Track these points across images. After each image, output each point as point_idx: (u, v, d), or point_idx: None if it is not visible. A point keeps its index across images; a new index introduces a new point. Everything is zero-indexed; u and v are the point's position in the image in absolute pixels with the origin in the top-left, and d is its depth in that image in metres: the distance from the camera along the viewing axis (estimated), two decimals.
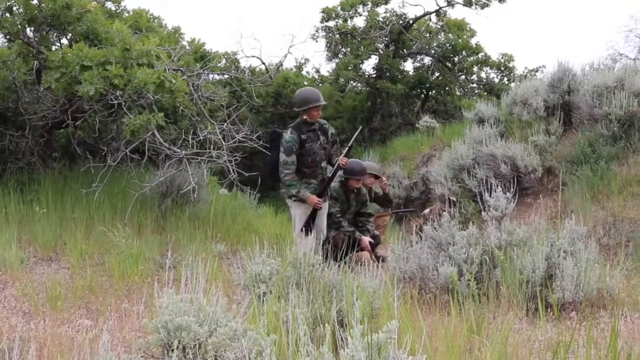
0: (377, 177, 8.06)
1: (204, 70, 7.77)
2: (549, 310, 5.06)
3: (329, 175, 6.31)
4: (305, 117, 6.16)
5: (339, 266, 6.27)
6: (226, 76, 9.90)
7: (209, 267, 5.58)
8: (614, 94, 10.83)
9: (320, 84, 19.44)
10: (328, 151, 6.39)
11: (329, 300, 3.88)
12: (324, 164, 6.33)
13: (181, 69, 7.55)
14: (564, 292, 5.11)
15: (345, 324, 3.75)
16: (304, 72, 20.14)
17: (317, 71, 20.68)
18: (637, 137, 10.42)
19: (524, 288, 5.19)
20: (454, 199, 9.18)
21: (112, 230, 6.49)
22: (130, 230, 6.59)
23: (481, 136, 11.68)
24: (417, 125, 15.06)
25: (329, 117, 17.53)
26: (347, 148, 6.37)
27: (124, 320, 4.50)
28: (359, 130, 7.04)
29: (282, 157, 6.07)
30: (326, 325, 3.62)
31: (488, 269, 5.46)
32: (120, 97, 6.45)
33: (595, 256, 5.66)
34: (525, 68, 17.94)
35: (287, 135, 6.10)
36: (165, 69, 6.96)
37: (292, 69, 20.15)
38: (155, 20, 10.53)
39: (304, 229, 6.12)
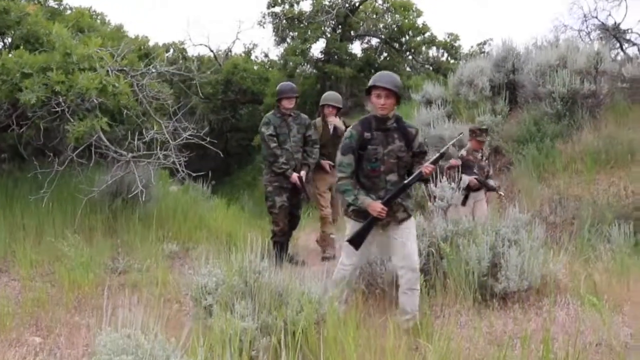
0: (338, 108, 7.77)
1: (148, 70, 7.68)
2: (494, 300, 5.21)
3: (405, 182, 4.72)
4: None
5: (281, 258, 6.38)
6: (173, 68, 9.78)
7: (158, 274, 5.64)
8: (556, 72, 11.08)
9: (270, 68, 19.43)
10: (405, 162, 4.80)
11: (275, 308, 3.94)
12: (392, 176, 4.75)
13: (125, 68, 7.46)
14: (509, 282, 5.24)
15: (294, 332, 3.83)
16: (252, 57, 20.08)
17: (266, 56, 20.68)
18: (580, 115, 10.72)
19: (470, 279, 5.30)
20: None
21: (61, 237, 6.45)
22: (80, 237, 6.55)
23: (429, 118, 11.83)
24: (366, 108, 15.12)
25: None
26: (437, 155, 4.76)
27: (74, 334, 4.50)
28: (457, 137, 5.95)
29: (337, 155, 4.83)
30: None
31: (435, 261, 5.57)
32: (63, 104, 6.36)
33: (539, 243, 5.80)
34: (472, 47, 18.16)
35: (348, 130, 4.88)
36: (109, 71, 6.89)
37: (241, 55, 20.05)
38: (99, 18, 10.37)
39: (357, 238, 4.77)
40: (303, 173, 7.21)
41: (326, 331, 3.74)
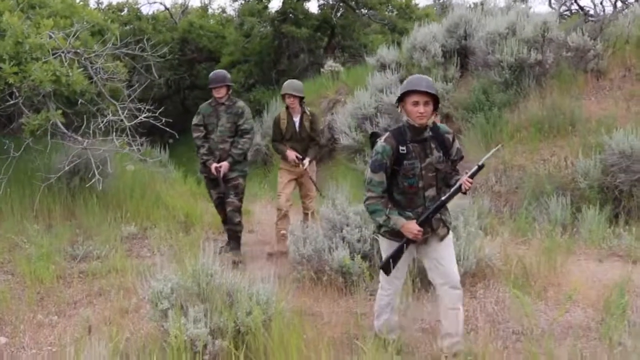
0: (300, 98, 7.34)
1: (102, 51, 7.77)
2: (432, 287, 5.60)
3: (443, 198, 4.23)
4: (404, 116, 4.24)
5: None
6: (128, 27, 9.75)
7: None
8: (505, 40, 11.36)
9: (227, 24, 19.38)
10: (444, 173, 4.32)
11: (226, 310, 4.25)
12: (431, 191, 4.29)
13: (78, 50, 7.54)
14: None
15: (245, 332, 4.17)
16: (209, 12, 19.97)
17: (224, 11, 20.54)
18: (527, 83, 11.06)
19: (411, 265, 5.66)
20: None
21: (20, 223, 6.65)
22: (38, 223, 6.75)
23: (382, 84, 12.06)
24: (322, 70, 15.33)
25: (236, 62, 17.62)
26: (476, 167, 4.21)
27: (38, 333, 4.78)
28: (497, 148, 5.24)
29: (367, 172, 4.32)
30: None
31: (377, 248, 5.90)
32: (17, 94, 6.47)
33: (476, 229, 6.19)
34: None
35: (379, 143, 4.24)
36: (62, 58, 6.98)
37: (198, 9, 19.92)
38: None
39: (388, 263, 4.36)
40: (225, 163, 6.94)
41: (275, 332, 4.06)
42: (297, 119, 7.34)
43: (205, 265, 4.50)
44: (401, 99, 4.23)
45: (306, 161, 7.27)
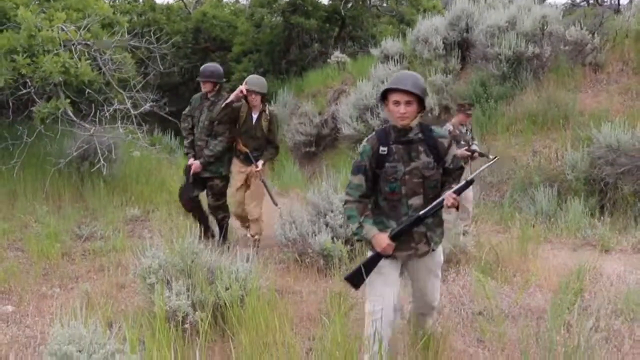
0: (262, 96, 6.91)
1: (111, 43, 8.24)
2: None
3: (420, 213, 3.74)
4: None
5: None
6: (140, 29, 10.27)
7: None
8: (505, 33, 11.67)
9: (238, 14, 19.81)
10: (434, 180, 3.84)
11: (207, 285, 4.69)
12: (415, 199, 3.80)
13: (88, 42, 8.02)
14: None
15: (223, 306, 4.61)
16: (224, 1, 20.41)
17: (237, 1, 20.95)
18: (525, 76, 11.38)
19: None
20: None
21: (32, 205, 7.16)
22: (47, 207, 7.25)
23: (385, 75, 12.41)
24: (328, 60, 15.69)
25: (247, 52, 18.04)
26: (464, 182, 3.77)
27: (42, 303, 5.28)
28: (492, 161, 4.84)
29: (349, 175, 3.99)
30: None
31: None
32: (29, 84, 6.96)
33: (455, 217, 6.58)
34: None
35: (362, 143, 3.95)
36: (72, 50, 7.46)
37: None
38: None
39: (357, 274, 3.89)
40: (196, 162, 6.79)
41: (248, 306, 4.49)
42: (255, 116, 6.90)
43: (191, 244, 4.96)
44: (384, 96, 3.81)
45: (260, 162, 6.84)
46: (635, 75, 11.31)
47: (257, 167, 6.81)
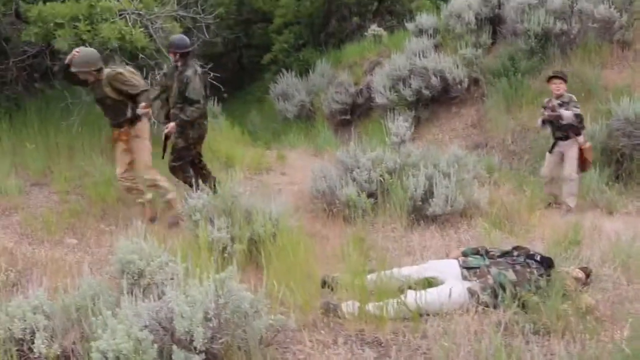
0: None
1: (161, 12, 8.97)
2: (421, 221, 6.65)
3: None
4: None
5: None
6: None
7: None
8: (534, 10, 12.09)
9: None
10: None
11: (245, 223, 5.40)
12: None
13: (141, 12, 8.76)
14: (436, 208, 6.66)
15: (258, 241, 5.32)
16: None
17: None
18: (552, 52, 11.80)
19: (408, 203, 6.73)
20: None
21: (89, 158, 7.96)
22: (104, 157, 8.04)
23: (418, 48, 12.94)
24: (365, 34, 16.23)
25: (288, 23, 18.66)
26: None
27: (101, 238, 6.08)
28: None
29: None
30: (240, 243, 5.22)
31: (383, 189, 7.00)
32: None
33: (470, 177, 7.21)
34: None
35: None
36: (127, 17, 8.21)
37: None
38: None
39: None
40: (171, 124, 6.99)
41: (278, 242, 5.19)
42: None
43: (233, 188, 5.69)
44: None
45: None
46: None
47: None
